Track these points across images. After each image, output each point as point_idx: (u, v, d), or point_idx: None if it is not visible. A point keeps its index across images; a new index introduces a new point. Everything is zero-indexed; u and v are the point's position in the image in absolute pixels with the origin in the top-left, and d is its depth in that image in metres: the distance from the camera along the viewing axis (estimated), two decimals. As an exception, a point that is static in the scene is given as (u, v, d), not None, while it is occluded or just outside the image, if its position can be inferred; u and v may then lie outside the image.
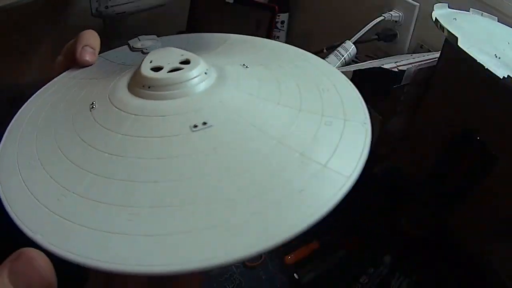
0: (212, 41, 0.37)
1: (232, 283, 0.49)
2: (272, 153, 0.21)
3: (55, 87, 0.33)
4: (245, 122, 0.23)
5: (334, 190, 0.20)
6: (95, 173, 0.21)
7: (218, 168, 0.20)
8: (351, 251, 0.52)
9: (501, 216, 0.36)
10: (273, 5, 0.84)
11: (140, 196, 0.19)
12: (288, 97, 0.25)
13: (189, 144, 0.21)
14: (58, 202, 0.20)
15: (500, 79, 0.30)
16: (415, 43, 0.69)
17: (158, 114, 0.23)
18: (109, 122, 0.24)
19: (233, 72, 0.27)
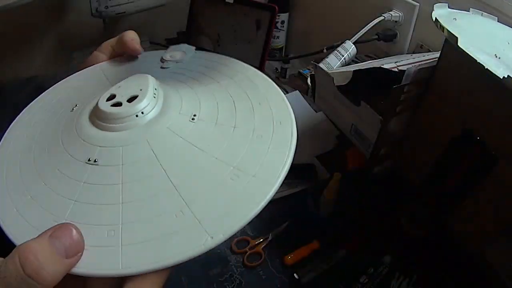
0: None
1: (232, 283, 0.49)
2: (211, 168, 0.26)
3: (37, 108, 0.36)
4: (187, 144, 0.27)
5: (261, 196, 0.24)
6: (75, 200, 0.25)
7: (168, 187, 0.25)
8: (351, 251, 0.52)
9: (501, 216, 0.36)
10: (273, 5, 0.84)
11: (113, 216, 0.24)
12: (225, 116, 0.30)
13: (139, 170, 0.26)
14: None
15: (500, 79, 0.30)
16: (415, 43, 0.69)
17: (114, 145, 0.28)
18: (75, 153, 0.28)
19: (176, 98, 0.31)
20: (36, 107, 0.36)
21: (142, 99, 0.28)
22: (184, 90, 0.32)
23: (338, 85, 0.49)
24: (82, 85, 0.38)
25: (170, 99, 0.30)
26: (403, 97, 0.43)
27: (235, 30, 0.91)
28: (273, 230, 0.55)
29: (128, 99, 0.29)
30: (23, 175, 0.28)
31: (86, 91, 0.36)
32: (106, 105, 0.29)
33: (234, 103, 0.30)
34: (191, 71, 0.35)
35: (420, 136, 0.46)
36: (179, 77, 0.34)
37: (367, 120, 0.48)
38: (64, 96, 0.37)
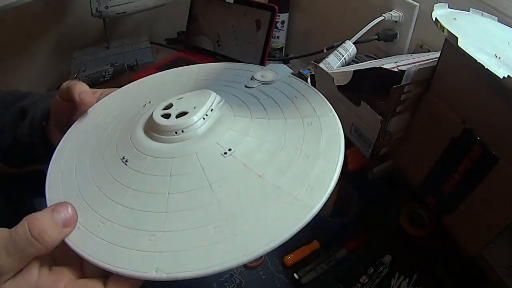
0: None
1: (232, 283, 0.49)
2: (255, 186, 0.26)
3: (87, 120, 0.38)
4: (254, 139, 0.29)
5: (301, 216, 0.26)
6: (122, 204, 0.28)
7: (211, 201, 0.26)
8: (351, 251, 0.52)
9: (501, 216, 0.36)
10: (273, 5, 0.84)
11: (156, 223, 0.26)
12: (274, 133, 0.30)
13: (224, 168, 0.28)
14: (98, 228, 0.26)
15: (500, 79, 0.30)
16: (415, 43, 0.69)
17: (170, 156, 0.29)
18: (132, 163, 0.30)
19: (226, 127, 0.31)
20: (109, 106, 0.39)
21: (191, 116, 0.30)
22: (241, 120, 0.32)
23: (338, 85, 0.49)
24: (168, 82, 0.41)
25: (220, 125, 0.31)
26: (403, 97, 0.43)
27: (235, 30, 0.91)
28: (273, 230, 0.55)
29: (178, 114, 0.31)
30: (78, 176, 0.31)
31: (166, 90, 0.39)
32: (157, 115, 0.31)
33: (281, 149, 0.29)
34: (268, 98, 0.34)
35: (420, 136, 0.46)
36: (251, 101, 0.34)
37: (367, 120, 0.48)
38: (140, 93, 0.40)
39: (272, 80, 0.36)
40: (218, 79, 0.38)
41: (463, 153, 0.39)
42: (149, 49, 1.03)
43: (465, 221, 0.41)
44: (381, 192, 0.59)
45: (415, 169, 0.48)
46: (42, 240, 0.24)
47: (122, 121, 0.35)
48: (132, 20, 1.12)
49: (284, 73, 0.37)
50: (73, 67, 0.96)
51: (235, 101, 0.34)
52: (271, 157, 0.28)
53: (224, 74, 0.39)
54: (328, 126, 0.30)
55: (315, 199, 0.26)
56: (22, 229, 0.24)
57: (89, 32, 1.10)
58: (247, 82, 0.36)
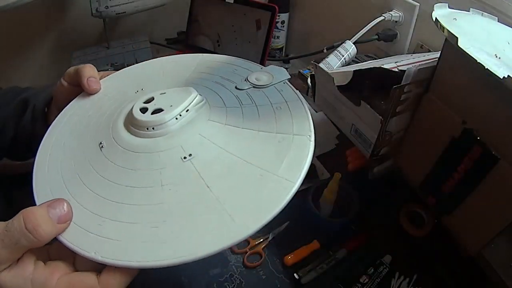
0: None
1: (232, 283, 0.49)
2: (201, 196, 0.27)
3: (72, 112, 0.39)
4: (218, 148, 0.30)
5: (232, 235, 0.25)
6: (117, 201, 0.28)
7: (165, 201, 0.27)
8: (351, 251, 0.52)
9: (501, 216, 0.36)
10: (273, 5, 0.84)
11: (151, 215, 0.27)
12: (239, 145, 0.30)
13: (179, 172, 0.29)
14: (99, 226, 0.27)
15: (500, 79, 0.30)
16: (415, 43, 0.69)
17: (137, 151, 0.30)
18: (115, 159, 0.31)
19: (204, 116, 0.32)
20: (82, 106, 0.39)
21: (164, 115, 0.31)
22: (213, 125, 0.32)
23: (338, 85, 0.49)
24: (167, 69, 0.41)
25: (190, 128, 0.31)
26: (403, 97, 0.43)
27: (235, 30, 0.91)
28: (273, 230, 0.55)
29: (154, 111, 0.31)
30: (65, 176, 0.31)
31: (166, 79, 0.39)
32: (137, 108, 0.32)
33: (239, 164, 0.29)
34: (251, 104, 0.33)
35: (420, 136, 0.46)
36: (233, 105, 0.33)
37: (367, 120, 0.48)
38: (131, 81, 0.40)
39: (264, 85, 0.35)
40: (214, 74, 0.37)
41: (463, 153, 0.39)
42: (149, 49, 1.03)
43: (465, 221, 0.41)
44: (381, 192, 0.59)
45: (415, 169, 0.48)
46: (36, 234, 0.25)
47: (111, 106, 0.36)
48: (132, 20, 1.12)
49: (280, 78, 0.35)
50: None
51: (217, 102, 0.33)
52: (226, 170, 0.28)
53: (222, 70, 0.38)
54: (297, 148, 0.29)
55: (252, 222, 0.25)
56: (17, 222, 0.25)
57: (89, 32, 1.10)
58: (239, 83, 0.35)
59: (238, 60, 0.40)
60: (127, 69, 0.44)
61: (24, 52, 1.04)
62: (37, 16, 1.00)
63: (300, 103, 0.33)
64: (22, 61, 1.04)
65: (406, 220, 0.52)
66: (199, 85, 0.35)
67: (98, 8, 0.89)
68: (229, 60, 0.40)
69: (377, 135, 0.46)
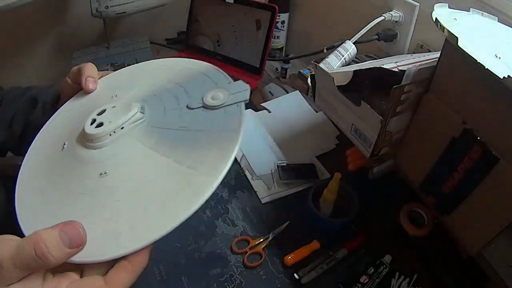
0: None
1: (232, 283, 0.49)
2: (103, 209, 0.30)
3: (66, 108, 0.43)
4: (132, 171, 0.32)
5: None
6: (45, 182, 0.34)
7: (78, 207, 0.31)
8: (351, 251, 0.52)
9: (501, 216, 0.36)
10: (273, 5, 0.84)
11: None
12: (148, 172, 0.32)
13: (95, 185, 0.32)
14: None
15: (500, 79, 0.30)
16: (415, 43, 0.69)
17: (76, 158, 0.34)
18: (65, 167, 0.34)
19: (134, 137, 0.34)
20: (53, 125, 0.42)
21: (100, 130, 0.33)
22: (138, 147, 0.33)
23: (338, 85, 0.49)
24: (148, 74, 0.43)
25: (117, 146, 0.33)
26: (403, 97, 0.43)
27: (235, 30, 0.91)
28: (273, 230, 0.55)
29: (98, 124, 0.34)
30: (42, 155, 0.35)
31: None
32: (89, 119, 0.34)
33: (141, 191, 0.30)
34: (188, 129, 0.33)
35: (420, 136, 0.46)
36: (171, 126, 0.34)
37: (367, 120, 0.48)
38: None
39: (214, 106, 0.34)
40: (181, 86, 0.38)
41: (463, 153, 0.39)
42: (149, 49, 1.03)
43: (465, 221, 0.41)
44: (381, 192, 0.59)
45: (415, 169, 0.48)
46: (46, 260, 0.26)
47: (89, 108, 0.38)
48: (132, 20, 1.12)
49: (236, 99, 0.34)
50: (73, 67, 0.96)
51: (158, 121, 0.35)
52: (128, 193, 0.30)
53: (191, 81, 0.39)
54: (196, 188, 0.29)
55: (125, 246, 0.27)
56: (28, 247, 0.25)
57: (89, 32, 1.10)
58: (193, 101, 0.35)
59: (213, 71, 0.40)
60: (123, 70, 0.46)
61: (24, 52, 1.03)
62: (37, 16, 1.00)
63: (236, 135, 0.31)
64: (22, 61, 1.04)
65: (406, 220, 0.52)
66: (159, 98, 0.37)
67: (98, 8, 0.89)
68: (205, 70, 0.40)
69: (377, 135, 0.46)
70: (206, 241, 0.54)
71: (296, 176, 0.62)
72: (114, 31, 1.13)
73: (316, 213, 0.55)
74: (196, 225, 0.56)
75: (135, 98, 0.37)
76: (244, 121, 0.32)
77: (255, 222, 0.57)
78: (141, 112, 0.34)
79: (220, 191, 0.62)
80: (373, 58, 0.74)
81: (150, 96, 0.37)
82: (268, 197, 0.60)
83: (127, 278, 0.28)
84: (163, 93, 0.37)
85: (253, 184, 0.62)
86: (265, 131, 0.72)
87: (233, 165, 0.30)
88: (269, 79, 0.93)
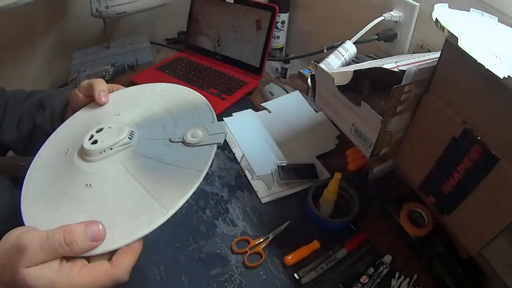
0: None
1: (232, 283, 0.49)
2: (76, 213, 0.35)
3: (78, 116, 0.49)
4: (109, 189, 0.36)
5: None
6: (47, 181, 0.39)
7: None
8: (351, 251, 0.52)
9: (501, 216, 0.36)
10: (273, 5, 0.84)
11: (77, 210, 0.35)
12: (121, 193, 0.36)
13: (82, 194, 0.37)
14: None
15: (500, 79, 0.30)
16: (415, 43, 0.69)
17: (73, 166, 0.39)
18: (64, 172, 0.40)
19: (119, 158, 0.39)
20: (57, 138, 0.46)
21: (93, 147, 0.38)
22: (119, 168, 0.38)
23: (338, 85, 0.49)
24: (154, 96, 0.48)
25: (104, 163, 0.38)
26: (403, 97, 0.43)
27: (235, 30, 0.91)
28: (273, 230, 0.55)
29: (93, 141, 0.38)
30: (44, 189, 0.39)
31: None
32: (88, 134, 0.39)
33: (109, 210, 0.35)
34: (162, 162, 0.38)
35: (420, 136, 0.46)
36: (151, 155, 0.38)
37: (367, 120, 0.48)
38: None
39: (191, 143, 0.39)
40: (173, 116, 0.43)
41: (463, 153, 0.39)
42: (149, 49, 1.03)
43: (465, 221, 0.41)
44: (381, 192, 0.59)
45: (415, 169, 0.48)
46: (72, 247, 0.30)
47: (95, 121, 0.43)
48: (132, 20, 1.12)
49: (210, 141, 0.38)
50: (73, 67, 0.96)
51: (141, 149, 0.39)
52: (103, 206, 0.35)
53: (182, 114, 0.43)
54: (151, 217, 0.33)
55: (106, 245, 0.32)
56: (58, 234, 0.30)
57: (89, 32, 1.10)
58: (175, 135, 0.40)
59: (204, 107, 0.43)
60: (131, 88, 0.51)
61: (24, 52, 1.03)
62: (37, 16, 1.00)
63: (199, 175, 0.35)
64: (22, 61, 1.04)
65: (406, 220, 0.52)
66: (150, 126, 0.42)
67: (98, 8, 0.89)
68: (199, 104, 0.44)
69: (377, 135, 0.46)
70: (206, 241, 0.54)
71: (296, 176, 0.62)
72: (114, 31, 1.13)
73: (316, 213, 0.55)
74: (196, 225, 0.56)
75: (131, 121, 0.42)
76: (211, 162, 0.37)
77: (255, 222, 0.57)
78: (129, 137, 0.39)
79: (220, 191, 0.62)
80: (373, 58, 0.74)
81: (144, 122, 0.42)
82: (268, 197, 0.60)
83: (129, 261, 0.33)
84: (155, 121, 0.42)
85: (253, 184, 0.62)
86: (265, 131, 0.72)
87: (233, 165, 0.31)
88: (269, 79, 0.93)
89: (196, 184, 0.35)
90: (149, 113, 0.44)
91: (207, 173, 0.35)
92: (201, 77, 0.90)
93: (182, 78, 0.89)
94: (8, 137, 0.56)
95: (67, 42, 1.07)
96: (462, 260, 0.47)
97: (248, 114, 0.77)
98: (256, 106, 0.82)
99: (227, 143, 0.71)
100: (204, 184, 0.63)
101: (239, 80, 0.88)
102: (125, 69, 0.94)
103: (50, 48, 1.07)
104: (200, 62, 0.96)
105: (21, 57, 1.03)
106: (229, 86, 0.86)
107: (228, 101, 0.81)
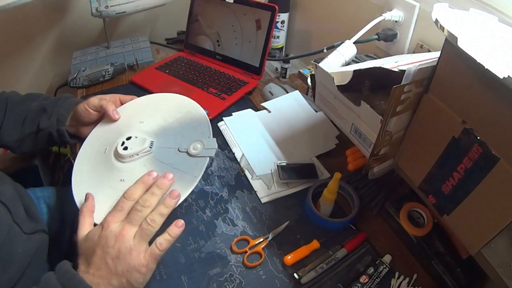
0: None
1: (232, 282, 0.49)
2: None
3: (101, 128, 0.60)
4: (121, 186, 0.47)
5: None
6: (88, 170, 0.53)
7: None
8: (351, 251, 0.52)
9: (501, 216, 0.36)
10: (273, 5, 0.84)
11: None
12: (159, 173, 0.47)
13: (118, 185, 0.48)
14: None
15: (500, 79, 0.30)
16: (415, 43, 0.69)
17: (109, 163, 0.51)
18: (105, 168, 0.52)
19: (142, 162, 0.50)
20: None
21: (125, 152, 0.50)
22: (143, 170, 0.48)
23: (338, 85, 0.49)
24: (172, 107, 0.58)
25: (132, 164, 0.50)
26: (403, 97, 0.43)
27: (235, 30, 0.91)
28: (273, 230, 0.55)
29: (125, 147, 0.50)
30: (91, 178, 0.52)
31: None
32: (121, 140, 0.51)
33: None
34: (171, 166, 0.48)
35: (420, 136, 0.46)
36: (165, 160, 0.49)
37: (367, 120, 0.48)
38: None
39: (192, 154, 0.49)
40: (183, 128, 0.54)
41: (463, 153, 0.39)
42: (149, 49, 1.03)
43: (465, 221, 0.41)
44: (381, 192, 0.59)
45: (415, 169, 0.48)
46: (106, 226, 0.42)
47: (125, 125, 0.56)
48: (132, 20, 1.12)
49: (205, 153, 0.49)
50: (73, 67, 0.96)
51: (158, 155, 0.50)
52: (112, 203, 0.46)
53: (190, 127, 0.53)
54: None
55: None
56: (98, 227, 0.43)
57: (89, 32, 1.10)
58: (183, 145, 0.50)
59: (204, 122, 0.53)
60: (150, 97, 0.62)
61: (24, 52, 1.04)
62: (37, 16, 1.00)
63: (195, 179, 0.47)
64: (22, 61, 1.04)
65: (406, 220, 0.52)
66: (167, 135, 0.53)
67: (98, 8, 0.89)
68: (200, 117, 0.55)
69: (377, 135, 0.46)
70: (206, 241, 0.54)
71: (296, 176, 0.62)
72: (114, 31, 1.13)
73: (316, 213, 0.55)
74: (196, 225, 0.56)
75: (152, 131, 0.53)
76: (203, 171, 0.48)
77: (255, 222, 0.57)
78: (150, 147, 0.51)
79: (220, 191, 0.62)
80: (373, 58, 0.74)
81: (160, 131, 0.54)
82: (268, 197, 0.60)
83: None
84: (170, 132, 0.53)
85: (253, 184, 0.62)
86: (265, 131, 0.72)
87: (233, 165, 0.31)
88: (269, 79, 0.93)
89: (192, 187, 0.46)
90: (164, 123, 0.55)
91: (206, 173, 0.41)
92: (201, 77, 0.90)
93: (182, 78, 0.89)
94: (10, 136, 0.62)
95: (67, 42, 1.07)
96: (462, 260, 0.47)
97: (248, 114, 0.77)
98: (256, 106, 0.82)
99: (227, 142, 0.71)
100: (204, 184, 0.63)
101: (239, 80, 0.88)
102: (125, 69, 0.94)
103: (50, 48, 1.07)
104: (200, 62, 0.96)
105: (21, 57, 1.04)
106: (229, 86, 0.86)
107: (228, 101, 0.81)
